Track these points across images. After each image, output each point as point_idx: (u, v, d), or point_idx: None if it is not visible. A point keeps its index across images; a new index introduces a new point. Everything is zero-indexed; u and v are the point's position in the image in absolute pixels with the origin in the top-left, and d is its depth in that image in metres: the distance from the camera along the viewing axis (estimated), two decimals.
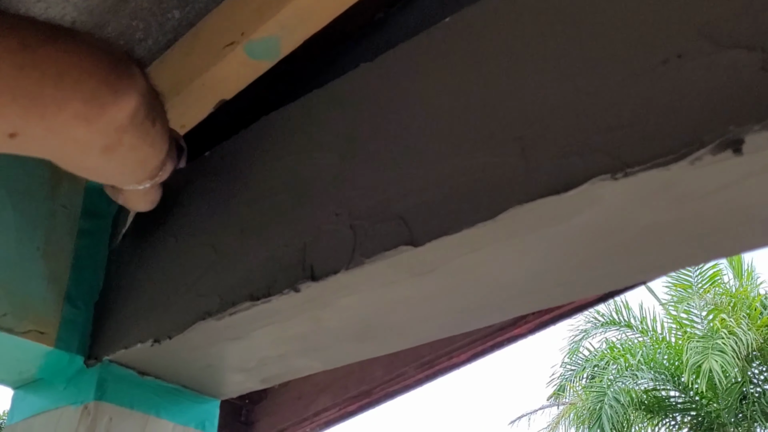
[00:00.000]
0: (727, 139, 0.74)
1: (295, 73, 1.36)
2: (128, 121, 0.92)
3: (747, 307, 11.15)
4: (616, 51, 0.85)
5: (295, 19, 1.17)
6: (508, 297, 1.03)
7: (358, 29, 1.28)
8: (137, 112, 0.93)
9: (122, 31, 1.42)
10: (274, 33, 1.19)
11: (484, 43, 0.98)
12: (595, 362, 11.91)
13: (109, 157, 0.97)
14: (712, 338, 10.62)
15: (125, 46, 1.44)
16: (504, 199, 0.87)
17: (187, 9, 1.37)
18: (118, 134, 0.93)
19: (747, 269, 11.89)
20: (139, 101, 0.93)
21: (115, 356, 1.26)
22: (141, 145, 0.99)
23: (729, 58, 0.77)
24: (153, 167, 1.08)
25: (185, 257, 1.23)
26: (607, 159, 0.81)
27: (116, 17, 1.39)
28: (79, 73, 0.86)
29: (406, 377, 1.98)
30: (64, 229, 1.33)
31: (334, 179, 1.07)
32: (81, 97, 0.86)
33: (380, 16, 1.25)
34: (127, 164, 1.03)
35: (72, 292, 1.30)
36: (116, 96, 0.89)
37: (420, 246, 0.93)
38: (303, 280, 1.03)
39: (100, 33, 1.40)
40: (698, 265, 1.13)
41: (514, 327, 1.84)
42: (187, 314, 1.16)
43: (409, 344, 1.19)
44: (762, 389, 11.06)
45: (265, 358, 1.23)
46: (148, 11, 1.38)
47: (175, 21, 1.40)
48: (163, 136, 1.05)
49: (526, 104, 0.91)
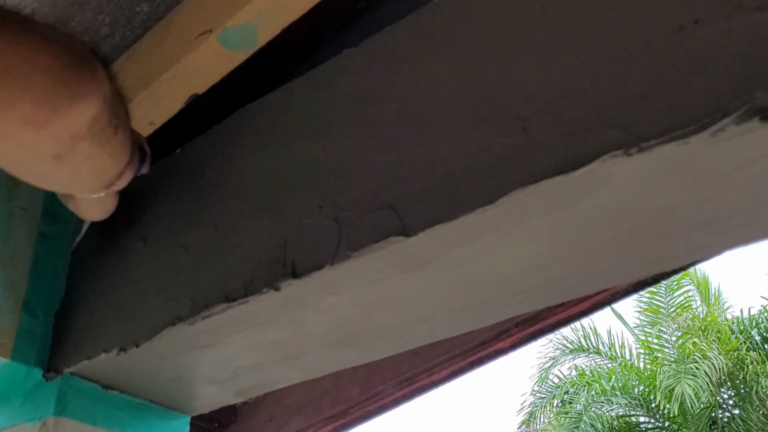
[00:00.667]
0: (755, 106, 0.68)
1: (274, 67, 1.29)
2: (86, 129, 0.82)
3: (717, 331, 11.19)
4: (626, 19, 0.79)
5: (273, 5, 1.10)
6: (509, 293, 0.95)
7: (340, 19, 1.21)
8: (97, 119, 0.83)
9: (87, 26, 1.33)
10: (251, 20, 1.12)
11: (478, 18, 0.91)
12: (564, 389, 11.87)
13: (59, 165, 0.86)
14: (684, 362, 10.64)
15: (90, 42, 1.36)
16: (505, 182, 0.80)
17: (157, 2, 1.29)
18: (73, 142, 0.83)
19: (714, 294, 11.98)
20: (100, 107, 0.83)
21: (76, 368, 1.16)
22: (99, 155, 0.89)
23: (752, 22, 0.71)
24: (110, 177, 0.98)
25: (155, 260, 1.14)
26: (619, 134, 0.75)
27: (81, 11, 1.30)
28: (30, 70, 0.75)
29: (384, 396, 1.89)
30: (22, 232, 1.24)
31: (317, 170, 0.99)
32: (30, 98, 0.75)
33: (362, 5, 1.18)
34: (80, 174, 0.92)
35: (30, 299, 1.20)
36: (73, 100, 0.79)
37: (412, 236, 0.85)
38: (284, 277, 0.95)
39: (63, 28, 1.32)
40: (717, 255, 1.05)
41: (497, 341, 1.77)
42: (155, 320, 1.07)
43: (397, 350, 1.11)
44: (731, 414, 11.08)
45: (241, 367, 1.14)
46: (115, 5, 1.30)
47: (143, 15, 1.32)
48: (125, 145, 0.96)
49: (527, 80, 0.84)
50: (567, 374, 12.21)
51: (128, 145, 0.97)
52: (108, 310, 1.16)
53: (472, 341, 1.78)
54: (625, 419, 11.31)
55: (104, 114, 0.84)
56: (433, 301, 0.97)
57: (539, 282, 0.93)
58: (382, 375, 1.88)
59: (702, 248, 0.88)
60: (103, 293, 1.19)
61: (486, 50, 0.89)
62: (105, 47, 1.38)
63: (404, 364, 1.85)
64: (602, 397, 11.37)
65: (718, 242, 0.86)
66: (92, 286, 1.22)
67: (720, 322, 11.64)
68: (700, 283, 12.02)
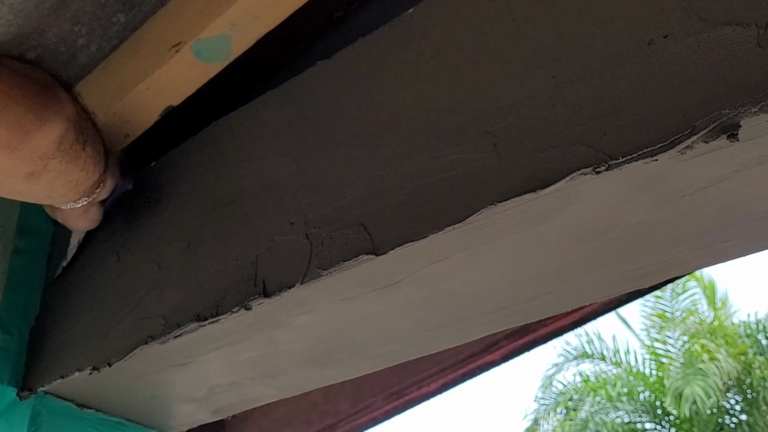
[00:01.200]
0: (722, 124, 0.66)
1: (250, 78, 1.27)
2: (54, 148, 0.91)
3: (724, 335, 11.12)
4: (596, 33, 0.77)
5: (247, 16, 1.08)
6: (483, 312, 0.93)
7: (317, 29, 1.19)
8: (63, 138, 0.92)
9: (63, 37, 1.31)
10: (225, 32, 1.10)
11: (449, 32, 0.89)
12: (569, 396, 11.80)
13: (34, 182, 0.95)
14: (693, 364, 10.56)
15: (67, 52, 1.34)
16: (475, 200, 0.78)
17: (133, 12, 1.27)
18: (43, 161, 0.91)
19: (721, 298, 11.89)
20: (65, 127, 0.92)
21: (51, 387, 1.14)
22: (70, 170, 0.97)
23: (720, 36, 0.69)
24: (86, 188, 1.04)
25: (128, 276, 1.12)
26: (588, 151, 0.73)
27: (57, 21, 1.28)
28: (5, 100, 0.85)
29: (374, 409, 1.87)
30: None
31: (289, 185, 0.97)
32: (4, 124, 0.85)
33: (339, 15, 1.16)
34: (54, 188, 0.99)
35: (4, 316, 1.18)
36: (41, 123, 0.88)
37: (382, 254, 0.83)
38: (254, 296, 0.93)
39: (39, 38, 1.30)
40: (694, 271, 1.03)
41: (486, 353, 1.75)
42: (128, 338, 1.05)
43: (375, 367, 1.08)
44: (738, 419, 11.01)
45: (216, 386, 1.12)
46: (91, 15, 1.28)
47: (120, 25, 1.30)
48: (95, 157, 1.02)
49: (498, 96, 0.82)
50: (571, 380, 12.15)
51: (99, 157, 1.03)
52: (82, 327, 1.14)
53: (461, 353, 1.76)
54: (631, 426, 11.25)
55: (70, 133, 0.93)
56: (406, 319, 0.95)
57: (514, 300, 0.91)
58: (371, 388, 1.86)
59: (679, 264, 0.85)
60: (77, 310, 1.17)
61: (458, 64, 0.87)
62: (81, 57, 1.36)
63: (393, 377, 1.83)
64: (608, 403, 11.31)
65: (694, 258, 0.84)
66: (67, 302, 1.20)
67: (727, 326, 11.58)
68: (706, 286, 11.94)
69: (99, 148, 1.04)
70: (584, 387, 11.76)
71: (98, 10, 1.26)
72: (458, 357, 1.79)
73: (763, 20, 0.67)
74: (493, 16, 0.86)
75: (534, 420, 12.20)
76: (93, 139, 1.02)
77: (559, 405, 12.04)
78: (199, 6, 1.12)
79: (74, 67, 1.35)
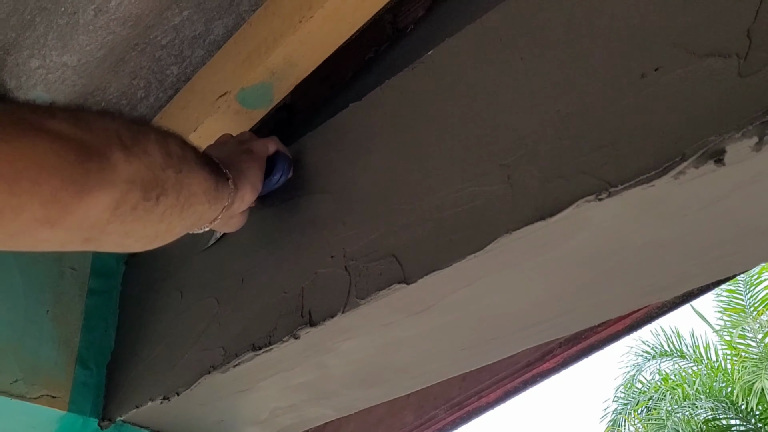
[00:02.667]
0: (708, 150, 0.71)
1: (293, 121, 1.36)
2: (108, 215, 0.81)
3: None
4: (595, 70, 0.83)
5: (284, 64, 1.17)
6: (511, 331, 1.00)
7: (351, 71, 1.27)
8: (121, 203, 0.81)
9: (124, 91, 1.43)
10: (265, 79, 1.19)
11: (465, 73, 0.96)
12: (649, 394, 11.60)
13: (97, 244, 0.85)
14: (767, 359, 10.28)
15: (128, 105, 1.45)
16: (492, 229, 0.85)
17: (185, 64, 1.38)
18: (99, 228, 0.81)
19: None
20: (118, 193, 0.80)
21: (128, 416, 1.24)
22: (140, 228, 0.87)
23: (705, 67, 0.75)
24: (173, 233, 0.95)
25: (190, 311, 1.22)
26: (591, 180, 0.79)
27: (117, 78, 1.41)
28: (38, 172, 0.73)
29: (437, 420, 1.93)
30: (73, 290, 1.34)
31: (329, 221, 1.05)
32: (39, 200, 0.74)
33: (370, 56, 1.24)
34: (126, 242, 0.89)
35: (83, 353, 1.30)
36: (83, 195, 0.77)
37: (413, 283, 0.91)
38: (301, 326, 1.01)
39: (102, 94, 1.43)
40: (710, 282, 1.06)
41: (542, 362, 1.79)
42: (193, 369, 1.15)
43: (419, 386, 1.16)
44: None
45: (276, 408, 1.21)
46: (147, 69, 1.39)
47: (173, 77, 1.41)
48: (181, 202, 0.90)
49: (511, 131, 0.89)
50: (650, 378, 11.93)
51: (194, 198, 0.93)
52: (152, 360, 1.24)
53: (518, 363, 1.80)
54: (715, 423, 11.00)
55: (130, 195, 0.82)
56: (441, 340, 1.02)
57: (539, 318, 0.97)
58: (434, 400, 1.93)
59: (693, 277, 0.90)
60: (148, 344, 1.28)
61: (472, 101, 0.94)
62: (141, 108, 1.48)
63: (454, 389, 1.89)
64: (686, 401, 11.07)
65: (705, 272, 0.89)
66: (138, 337, 1.31)
67: None
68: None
69: (194, 188, 0.92)
70: (664, 385, 11.54)
71: (153, 64, 1.38)
72: (515, 367, 1.83)
73: (743, 51, 0.73)
74: (503, 57, 0.93)
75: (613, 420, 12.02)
76: (178, 186, 0.89)
77: (639, 404, 11.83)
78: (240, 57, 1.22)
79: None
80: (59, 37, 1.28)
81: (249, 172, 1.05)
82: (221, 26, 1.31)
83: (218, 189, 0.97)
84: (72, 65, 1.35)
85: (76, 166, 0.76)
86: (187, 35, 1.32)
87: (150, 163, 0.85)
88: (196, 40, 1.33)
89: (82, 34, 1.27)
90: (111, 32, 1.27)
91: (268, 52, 1.16)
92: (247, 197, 1.04)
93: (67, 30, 1.27)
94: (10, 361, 1.21)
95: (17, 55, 1.33)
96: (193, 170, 0.92)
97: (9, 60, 1.34)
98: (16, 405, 1.20)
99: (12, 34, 1.29)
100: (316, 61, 1.19)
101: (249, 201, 1.05)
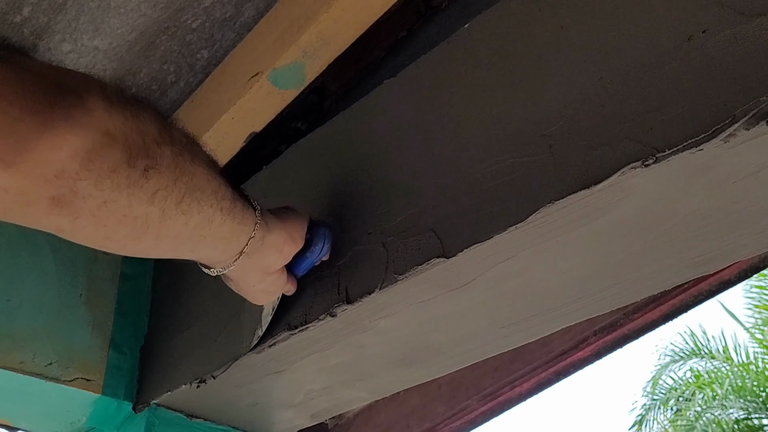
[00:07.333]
0: (760, 111, 0.69)
1: (323, 105, 1.35)
2: (76, 165, 0.68)
3: None
4: (638, 34, 0.81)
5: (317, 43, 1.16)
6: (553, 306, 0.98)
7: (384, 50, 1.26)
8: (93, 156, 0.69)
9: (154, 76, 1.43)
10: (297, 59, 1.18)
11: (502, 44, 0.95)
12: (679, 393, 11.48)
13: (70, 214, 0.72)
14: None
15: (158, 90, 1.45)
16: (534, 199, 0.83)
17: (215, 48, 1.37)
18: (65, 181, 0.69)
19: None
20: (90, 142, 0.68)
21: (161, 400, 1.24)
22: (126, 202, 0.74)
23: (755, 27, 0.72)
24: (201, 235, 0.84)
25: (224, 293, 1.21)
26: (636, 146, 0.77)
27: (147, 62, 1.40)
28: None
29: (470, 411, 1.91)
30: (105, 274, 1.33)
31: (366, 198, 1.04)
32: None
33: (403, 35, 1.23)
34: (110, 225, 0.75)
35: (116, 337, 1.29)
36: (43, 129, 0.66)
37: (452, 257, 0.89)
38: (338, 303, 1.00)
39: (133, 79, 1.42)
40: (758, 253, 1.02)
41: (576, 350, 1.77)
42: (227, 351, 1.14)
43: (456, 366, 1.14)
44: None
45: (311, 391, 1.20)
46: (177, 53, 1.39)
47: (204, 61, 1.41)
48: (188, 195, 0.79)
49: (550, 100, 0.87)
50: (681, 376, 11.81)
51: (194, 193, 0.80)
52: (186, 344, 1.24)
53: (552, 352, 1.78)
54: (746, 422, 10.86)
55: (108, 150, 0.70)
56: (481, 318, 1.00)
57: (581, 293, 0.95)
58: (466, 391, 1.90)
59: (740, 248, 0.88)
60: (181, 328, 1.27)
61: (512, 73, 0.92)
62: (172, 93, 1.48)
63: (487, 379, 1.86)
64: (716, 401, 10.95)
65: (755, 242, 0.86)
66: (171, 321, 1.30)
67: None
68: None
69: (198, 182, 0.81)
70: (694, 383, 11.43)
71: (184, 48, 1.37)
72: (549, 355, 1.81)
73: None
74: (542, 26, 0.91)
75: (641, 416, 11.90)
76: (176, 170, 0.77)
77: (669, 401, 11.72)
78: (272, 37, 1.20)
79: (165, 103, 1.46)
80: (91, 20, 1.27)
81: (288, 222, 0.96)
82: (252, 8, 1.30)
83: (235, 203, 0.87)
84: (103, 49, 1.35)
85: (41, 97, 0.67)
86: (217, 18, 1.31)
87: (139, 129, 0.74)
88: (226, 23, 1.32)
89: (114, 16, 1.27)
90: (142, 14, 1.26)
91: (301, 31, 1.15)
92: (286, 248, 0.95)
93: (99, 13, 1.26)
94: (44, 344, 1.21)
95: (48, 40, 1.33)
96: (199, 163, 0.81)
97: (41, 45, 1.34)
98: (51, 387, 1.20)
99: (44, 19, 1.28)
100: (348, 40, 1.18)
101: (287, 253, 0.96)
